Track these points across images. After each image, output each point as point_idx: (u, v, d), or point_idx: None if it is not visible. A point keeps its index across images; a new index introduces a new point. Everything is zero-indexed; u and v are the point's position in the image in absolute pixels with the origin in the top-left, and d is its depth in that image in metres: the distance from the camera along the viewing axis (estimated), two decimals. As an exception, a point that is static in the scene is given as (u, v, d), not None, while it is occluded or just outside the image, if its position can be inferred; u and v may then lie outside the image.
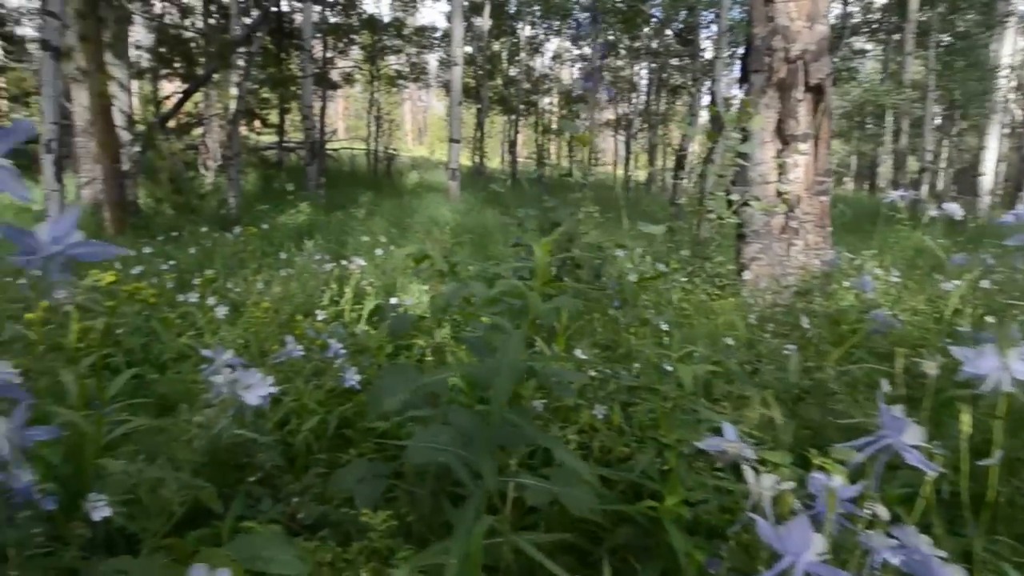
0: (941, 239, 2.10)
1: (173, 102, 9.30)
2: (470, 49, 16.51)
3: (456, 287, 0.94)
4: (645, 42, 18.10)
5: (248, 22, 9.47)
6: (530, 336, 1.02)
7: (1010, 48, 12.07)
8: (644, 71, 20.40)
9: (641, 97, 20.73)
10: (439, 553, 0.67)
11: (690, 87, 16.04)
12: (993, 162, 11.87)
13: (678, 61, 18.69)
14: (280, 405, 1.41)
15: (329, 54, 15.68)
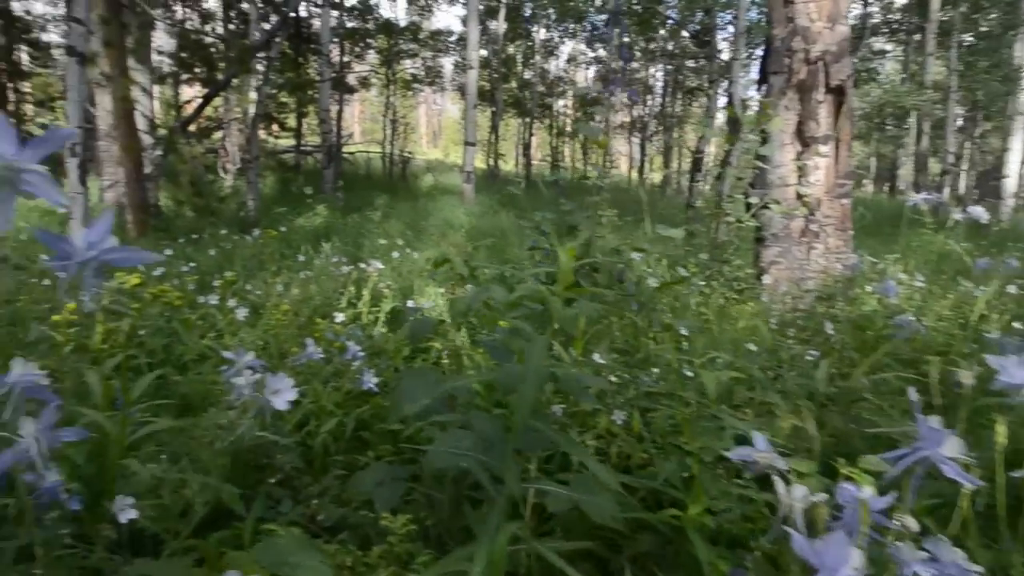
0: (965, 243, 2.05)
1: (194, 106, 9.44)
2: (485, 52, 16.57)
3: (477, 291, 0.94)
4: (661, 44, 18.02)
5: (267, 27, 9.59)
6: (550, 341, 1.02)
7: (1035, 48, 11.82)
8: (659, 73, 20.31)
9: (656, 99, 20.64)
10: (462, 559, 0.66)
11: (707, 89, 15.93)
12: (1017, 164, 11.61)
13: (694, 63, 18.59)
14: (299, 407, 1.42)
15: (346, 58, 15.86)
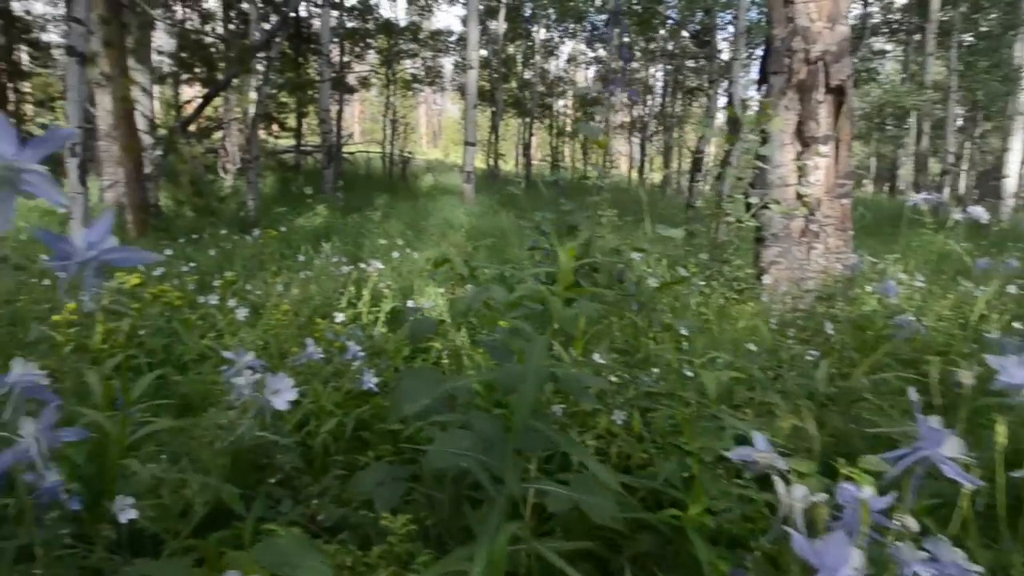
0: (965, 243, 2.05)
1: (194, 106, 9.44)
2: (485, 52, 16.57)
3: (477, 291, 0.94)
4: (660, 44, 18.02)
5: (267, 27, 9.59)
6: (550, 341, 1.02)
7: (1035, 48, 11.82)
8: (659, 73, 20.31)
9: (656, 99, 20.64)
10: (462, 559, 0.66)
11: (706, 89, 15.93)
12: (1017, 164, 11.61)
13: (694, 63, 18.59)
14: (299, 407, 1.42)
15: (346, 58, 15.86)
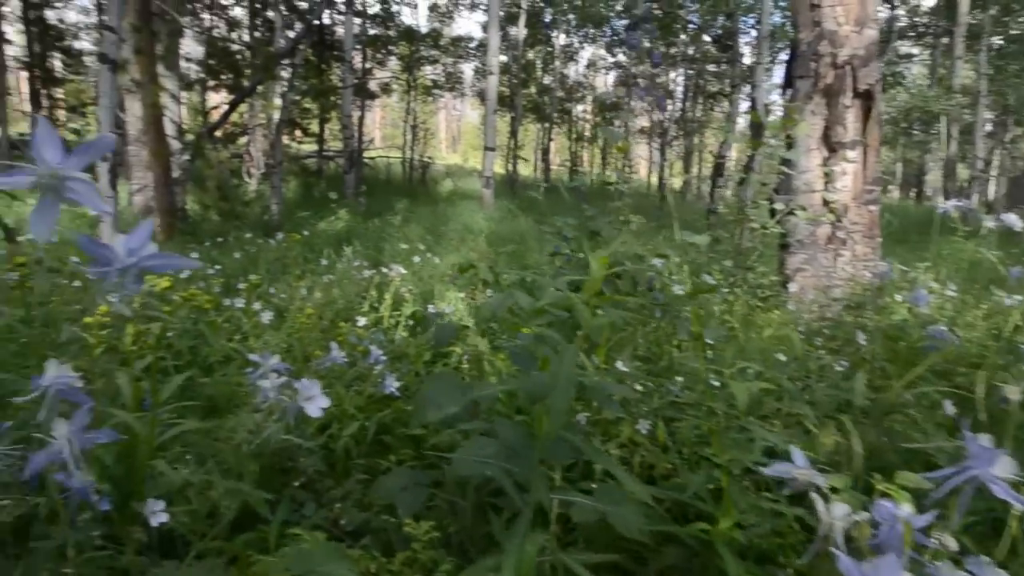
0: (997, 251, 1.99)
1: (220, 112, 9.63)
2: (505, 58, 16.64)
3: (502, 297, 0.93)
4: (682, 48, 17.91)
5: (292, 35, 9.75)
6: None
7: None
8: (680, 78, 20.17)
9: (677, 104, 20.50)
10: (488, 570, 0.65)
11: (728, 94, 15.78)
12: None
13: (715, 67, 18.43)
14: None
15: (368, 65, 16.04)
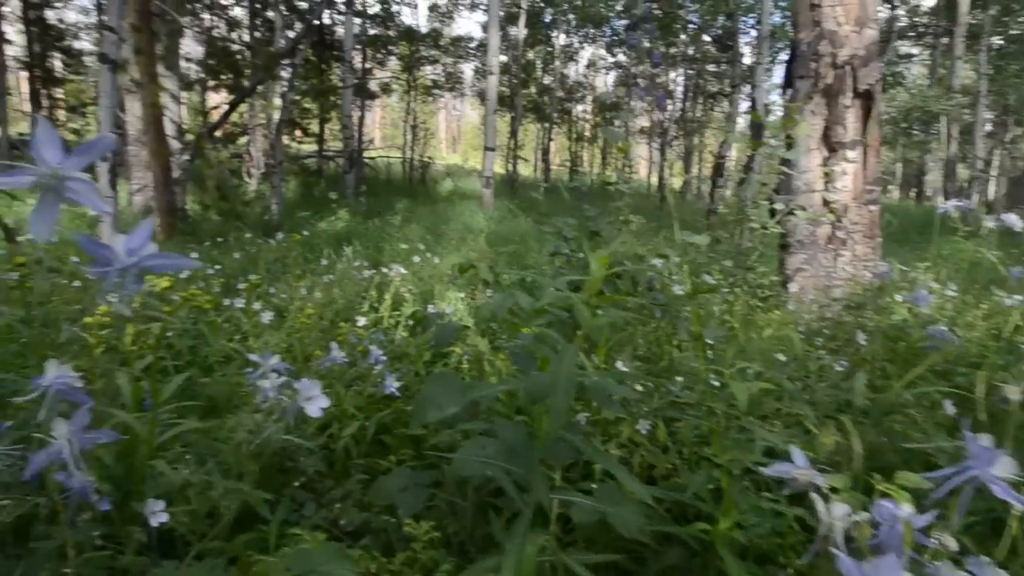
0: (997, 251, 1.99)
1: (220, 112, 9.62)
2: (505, 58, 16.63)
3: (502, 297, 0.93)
4: (681, 48, 17.91)
5: (292, 35, 9.75)
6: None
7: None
8: (680, 78, 20.17)
9: (677, 104, 20.49)
10: (488, 570, 0.65)
11: (728, 94, 15.78)
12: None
13: (715, 67, 18.44)
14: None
15: (368, 65, 16.03)
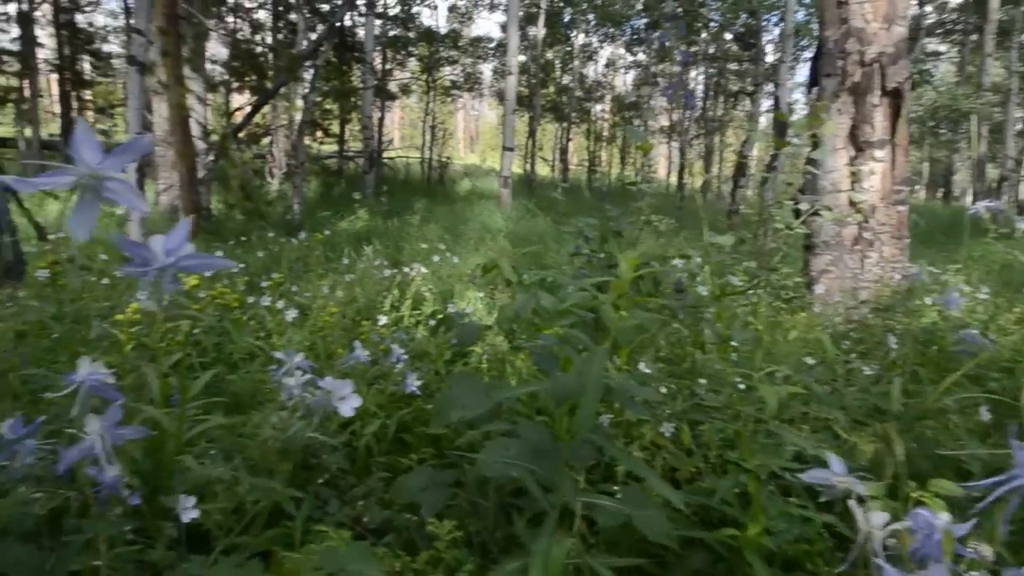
0: (1028, 253, 1.93)
1: (244, 114, 9.77)
2: (524, 58, 16.63)
3: (526, 298, 0.93)
4: (703, 47, 17.73)
5: (314, 37, 9.85)
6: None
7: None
8: (701, 77, 19.96)
9: (697, 103, 20.26)
10: (516, 572, 0.65)
11: (750, 92, 15.58)
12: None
13: (737, 66, 18.21)
14: (345, 408, 1.43)
15: (388, 66, 16.16)
